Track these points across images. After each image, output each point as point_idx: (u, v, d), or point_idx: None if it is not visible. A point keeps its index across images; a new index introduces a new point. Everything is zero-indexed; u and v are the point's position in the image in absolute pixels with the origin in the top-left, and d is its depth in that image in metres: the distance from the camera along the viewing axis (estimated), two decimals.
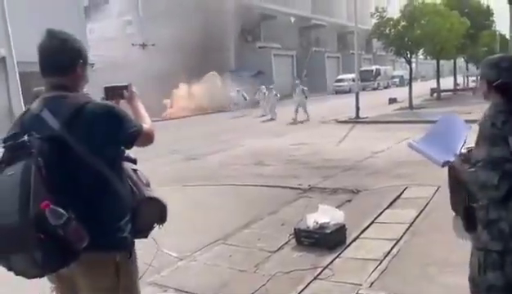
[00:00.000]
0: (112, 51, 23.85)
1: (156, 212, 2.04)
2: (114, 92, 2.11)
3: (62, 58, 1.85)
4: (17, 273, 1.64)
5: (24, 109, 5.81)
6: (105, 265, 1.82)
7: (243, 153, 11.05)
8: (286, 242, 4.61)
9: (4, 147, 1.69)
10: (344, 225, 4.49)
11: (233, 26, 36.11)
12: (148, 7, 32.21)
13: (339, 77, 43.38)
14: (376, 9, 21.20)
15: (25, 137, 1.65)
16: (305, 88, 19.82)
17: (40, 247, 1.54)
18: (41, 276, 1.72)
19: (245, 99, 25.16)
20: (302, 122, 17.86)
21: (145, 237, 2.07)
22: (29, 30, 7.08)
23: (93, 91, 2.08)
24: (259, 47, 39.64)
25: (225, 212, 5.95)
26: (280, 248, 4.50)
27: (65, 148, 1.70)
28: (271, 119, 20.35)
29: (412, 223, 4.81)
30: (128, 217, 1.89)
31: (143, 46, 29.53)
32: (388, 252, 4.06)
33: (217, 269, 4.12)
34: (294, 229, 4.59)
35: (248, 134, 14.99)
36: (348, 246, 4.33)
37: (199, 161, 10.53)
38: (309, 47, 45.81)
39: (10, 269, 1.63)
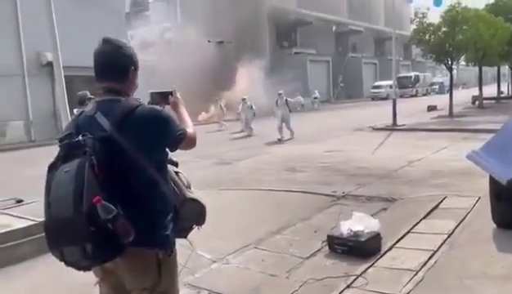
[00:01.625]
0: (151, 56, 24.47)
1: (196, 213, 2.12)
2: (159, 97, 2.20)
3: (116, 64, 1.97)
4: (68, 264, 1.75)
5: (68, 111, 6.09)
6: (148, 260, 1.90)
7: (275, 159, 11.06)
8: (319, 249, 4.58)
9: (60, 146, 1.81)
10: (379, 234, 4.42)
11: (267, 31, 36.34)
12: (186, 13, 32.97)
13: (376, 83, 42.73)
14: (416, 14, 20.76)
15: (80, 137, 1.77)
16: (291, 99, 16.50)
17: (91, 239, 1.64)
18: (89, 268, 1.83)
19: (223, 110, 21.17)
20: (282, 140, 14.87)
21: (185, 237, 2.16)
22: (72, 36, 7.37)
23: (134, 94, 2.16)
24: (295, 53, 39.62)
25: (257, 217, 5.99)
26: (312, 255, 4.48)
27: (115, 148, 1.81)
28: (248, 136, 17.29)
29: (451, 234, 4.66)
30: (171, 216, 1.97)
31: (220, 42, 30.68)
32: (425, 263, 3.96)
33: (249, 273, 4.15)
34: (328, 236, 4.56)
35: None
36: (383, 255, 4.25)
37: (231, 166, 10.65)
38: (345, 53, 45.37)
39: (62, 259, 1.73)
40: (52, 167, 1.78)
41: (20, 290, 4.13)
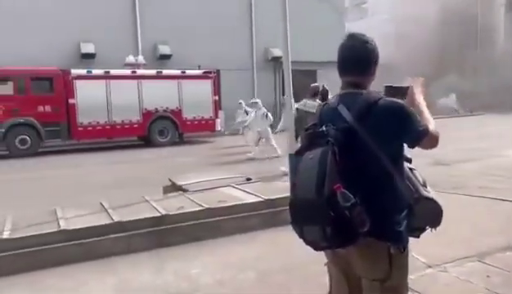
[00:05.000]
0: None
1: (432, 214, 2.04)
2: (394, 92, 2.13)
3: (361, 59, 2.02)
4: (307, 243, 1.87)
5: (293, 103, 6.65)
6: (380, 252, 1.91)
7: (507, 164, 9.61)
8: None
9: (305, 135, 1.98)
10: None
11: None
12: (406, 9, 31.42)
13: None
14: None
15: (324, 127, 1.89)
16: (269, 113, 12.19)
17: (330, 223, 1.72)
18: (325, 249, 1.95)
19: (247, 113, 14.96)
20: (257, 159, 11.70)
21: (418, 236, 2.09)
22: (295, 33, 7.88)
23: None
24: None
25: (481, 228, 5.34)
26: None
27: (355, 139, 1.86)
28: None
29: None
30: (405, 213, 1.94)
31: None
32: None
33: (472, 287, 3.75)
34: None
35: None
36: None
37: (450, 167, 9.74)
38: None
39: (301, 236, 1.87)
40: (298, 153, 1.94)
41: (247, 256, 4.74)
